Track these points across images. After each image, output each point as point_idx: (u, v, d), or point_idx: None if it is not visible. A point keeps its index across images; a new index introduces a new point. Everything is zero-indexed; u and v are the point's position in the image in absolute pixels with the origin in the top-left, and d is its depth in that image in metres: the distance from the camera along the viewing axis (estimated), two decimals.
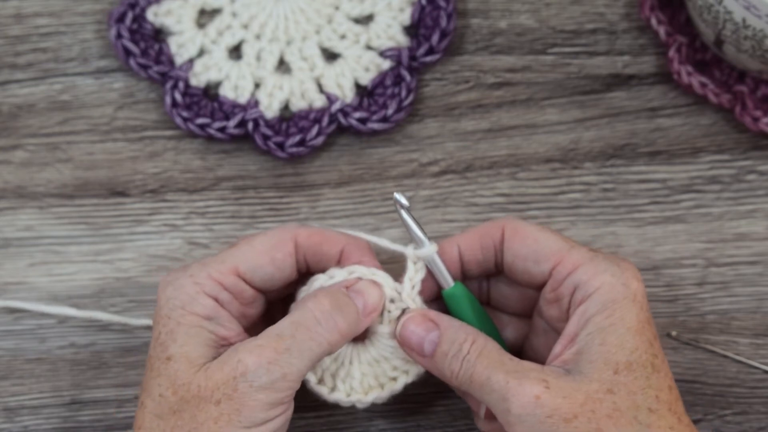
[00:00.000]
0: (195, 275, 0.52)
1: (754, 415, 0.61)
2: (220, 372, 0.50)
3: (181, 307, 0.52)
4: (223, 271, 0.52)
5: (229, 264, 0.53)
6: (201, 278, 0.52)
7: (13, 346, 0.62)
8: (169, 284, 0.52)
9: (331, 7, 0.66)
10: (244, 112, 0.64)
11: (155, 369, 0.51)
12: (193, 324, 0.51)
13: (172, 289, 0.52)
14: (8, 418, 0.61)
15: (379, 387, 0.56)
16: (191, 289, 0.52)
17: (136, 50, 0.65)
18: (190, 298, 0.52)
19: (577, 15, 0.66)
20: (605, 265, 0.52)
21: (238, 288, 0.53)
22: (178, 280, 0.52)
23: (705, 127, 0.65)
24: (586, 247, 0.53)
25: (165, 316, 0.52)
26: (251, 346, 0.50)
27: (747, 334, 0.62)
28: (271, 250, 0.53)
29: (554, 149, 0.65)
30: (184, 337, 0.51)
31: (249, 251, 0.53)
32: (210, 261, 0.53)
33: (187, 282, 0.52)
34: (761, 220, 0.64)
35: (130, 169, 0.64)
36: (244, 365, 0.50)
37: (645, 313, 0.51)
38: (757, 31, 0.58)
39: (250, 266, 0.53)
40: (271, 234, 0.54)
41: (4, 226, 0.63)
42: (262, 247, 0.53)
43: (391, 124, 0.64)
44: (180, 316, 0.52)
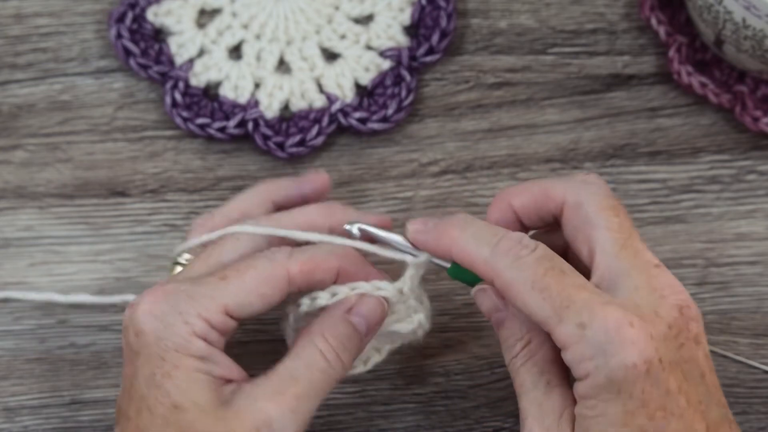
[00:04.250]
0: (185, 313, 0.50)
1: (754, 415, 0.61)
2: (240, 422, 0.49)
3: (175, 350, 0.50)
4: (212, 309, 0.50)
5: (218, 301, 0.51)
6: (191, 317, 0.50)
7: (13, 346, 0.62)
8: (156, 319, 0.50)
9: (331, 7, 0.66)
10: (244, 112, 0.64)
11: (159, 415, 0.49)
12: (191, 368, 0.50)
13: (162, 328, 0.50)
14: (8, 418, 0.61)
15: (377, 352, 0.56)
16: (183, 329, 0.50)
17: (136, 50, 0.65)
18: (183, 340, 0.50)
19: (577, 15, 0.66)
20: (591, 350, 0.46)
21: (225, 325, 0.51)
22: (167, 317, 0.50)
23: (705, 127, 0.65)
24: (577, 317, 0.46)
25: (158, 357, 0.50)
26: (269, 392, 0.50)
27: (747, 334, 0.62)
28: (262, 287, 0.51)
29: (554, 149, 0.65)
30: (187, 383, 0.50)
31: (240, 288, 0.51)
32: (198, 295, 0.51)
33: (178, 321, 0.50)
34: (761, 220, 0.64)
35: (130, 169, 0.64)
36: (267, 415, 0.49)
37: (636, 399, 0.46)
38: (757, 31, 0.58)
39: (239, 304, 0.51)
40: (263, 267, 0.52)
41: (4, 226, 0.64)
42: (253, 283, 0.51)
43: (391, 124, 0.64)
44: (176, 359, 0.50)
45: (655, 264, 0.48)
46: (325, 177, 0.59)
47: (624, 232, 0.49)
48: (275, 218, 0.55)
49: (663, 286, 0.48)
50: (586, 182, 0.50)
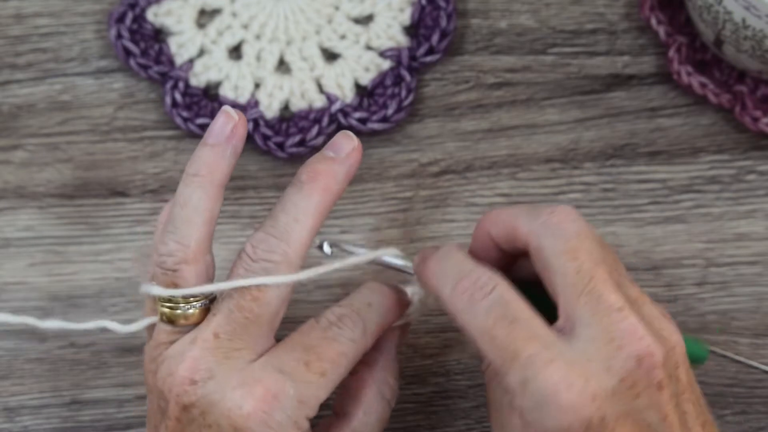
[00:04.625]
0: (299, 421, 0.49)
1: (754, 415, 0.61)
2: None
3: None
4: (316, 408, 0.50)
5: (321, 400, 0.50)
6: (301, 420, 0.49)
7: (13, 346, 0.62)
8: (270, 428, 0.48)
9: (331, 7, 0.66)
10: (244, 112, 0.64)
11: None
12: None
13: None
14: (8, 418, 0.61)
15: None
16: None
17: (136, 50, 0.65)
18: None
19: (577, 15, 0.66)
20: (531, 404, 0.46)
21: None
22: (284, 427, 0.48)
23: (705, 127, 0.65)
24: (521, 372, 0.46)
25: None
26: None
27: (747, 334, 0.62)
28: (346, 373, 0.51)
29: (554, 149, 0.65)
30: None
31: (337, 383, 0.50)
32: (306, 397, 0.49)
33: (291, 427, 0.49)
34: (761, 220, 0.64)
35: (130, 169, 0.64)
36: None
37: None
38: (756, 31, 0.58)
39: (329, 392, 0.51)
40: (352, 354, 0.50)
41: (4, 226, 0.64)
42: (345, 373, 0.51)
43: (391, 124, 0.64)
44: None
45: (618, 308, 0.46)
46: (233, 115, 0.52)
47: (584, 276, 0.47)
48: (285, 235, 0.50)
49: (623, 335, 0.46)
50: (548, 224, 0.48)
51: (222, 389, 0.48)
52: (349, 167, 0.52)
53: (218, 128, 0.52)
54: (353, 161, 0.52)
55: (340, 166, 0.51)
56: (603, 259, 0.47)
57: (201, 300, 0.50)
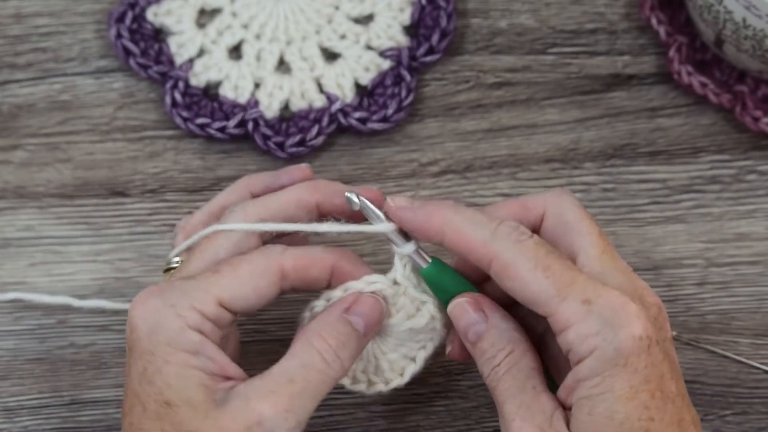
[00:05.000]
0: (177, 305, 0.50)
1: (755, 415, 0.61)
2: (232, 421, 0.49)
3: (166, 344, 0.49)
4: (206, 300, 0.50)
5: (212, 293, 0.50)
6: (183, 309, 0.50)
7: (13, 346, 0.62)
8: (147, 314, 0.50)
9: (331, 7, 0.66)
10: (244, 112, 0.64)
11: (152, 411, 0.49)
12: (183, 364, 0.49)
13: (153, 321, 0.50)
14: (8, 418, 0.61)
15: (412, 362, 0.55)
16: (175, 322, 0.49)
17: (136, 50, 0.65)
18: (174, 333, 0.49)
19: (577, 15, 0.66)
20: (597, 325, 0.47)
21: (220, 317, 0.51)
22: (158, 311, 0.50)
23: (705, 127, 0.65)
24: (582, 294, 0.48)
25: (148, 351, 0.49)
26: (263, 391, 0.49)
27: (747, 334, 0.62)
28: (257, 279, 0.51)
29: (554, 149, 0.65)
30: (178, 380, 0.49)
31: (233, 280, 0.51)
32: (191, 289, 0.51)
33: (169, 314, 0.50)
34: (761, 220, 0.64)
35: (130, 169, 0.64)
36: (260, 414, 0.49)
37: (640, 374, 0.47)
38: (757, 31, 0.58)
39: (233, 295, 0.51)
40: (257, 261, 0.51)
41: (4, 226, 0.64)
42: (247, 276, 0.51)
43: (391, 124, 0.64)
44: (167, 354, 0.49)
45: (632, 269, 0.50)
46: (306, 170, 0.58)
47: (603, 240, 0.50)
48: (261, 201, 0.54)
49: (642, 288, 0.50)
50: (563, 194, 0.52)
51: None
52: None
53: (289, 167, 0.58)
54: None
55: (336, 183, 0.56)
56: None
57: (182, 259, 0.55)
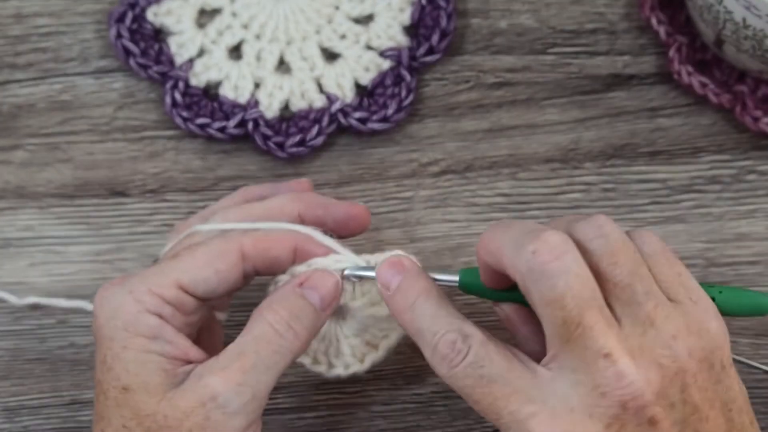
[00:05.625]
0: (134, 291, 0.50)
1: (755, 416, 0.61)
2: (185, 400, 0.48)
3: (124, 329, 0.49)
4: (164, 284, 0.50)
5: (170, 276, 0.50)
6: (141, 294, 0.50)
7: (13, 346, 0.62)
8: (106, 301, 0.50)
9: (331, 7, 0.66)
10: (244, 112, 0.64)
11: (111, 398, 0.49)
12: (140, 348, 0.49)
13: (111, 308, 0.50)
14: (8, 418, 0.61)
15: (374, 349, 0.55)
16: (132, 307, 0.49)
17: (136, 50, 0.65)
18: (132, 317, 0.49)
19: (577, 15, 0.66)
20: None
21: (180, 300, 0.50)
22: (116, 296, 0.50)
23: (705, 127, 0.65)
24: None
25: (107, 338, 0.50)
26: (215, 368, 0.49)
27: (747, 334, 0.62)
28: (215, 262, 0.51)
29: (554, 149, 0.65)
30: (136, 365, 0.49)
31: (191, 263, 0.51)
32: (149, 274, 0.51)
33: (127, 300, 0.50)
34: (761, 220, 0.64)
35: (130, 169, 0.64)
36: (212, 390, 0.48)
37: None
38: (757, 31, 0.58)
39: (193, 278, 0.50)
40: (215, 244, 0.51)
41: (4, 226, 0.64)
42: (204, 258, 0.51)
43: (391, 124, 0.64)
44: (124, 339, 0.49)
45: (605, 353, 0.45)
46: (305, 184, 0.58)
47: (571, 324, 0.46)
48: (245, 209, 0.54)
49: (607, 382, 0.45)
50: (532, 267, 0.46)
51: None
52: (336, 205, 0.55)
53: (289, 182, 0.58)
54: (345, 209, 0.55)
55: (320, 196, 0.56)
56: (593, 296, 0.46)
57: None
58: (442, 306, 0.50)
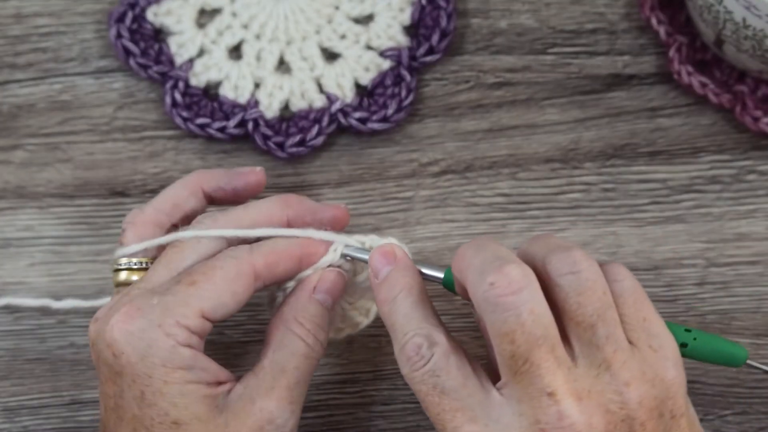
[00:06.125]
0: (163, 324, 0.50)
1: (755, 416, 0.61)
2: (244, 426, 0.50)
3: (162, 365, 0.49)
4: (189, 314, 0.50)
5: (194, 306, 0.50)
6: (170, 327, 0.50)
7: (13, 346, 0.62)
8: (134, 337, 0.50)
9: (331, 7, 0.66)
10: (244, 112, 0.64)
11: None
12: (182, 381, 0.50)
13: (144, 345, 0.50)
14: (8, 418, 0.61)
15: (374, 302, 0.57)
16: (165, 342, 0.50)
17: (136, 50, 0.65)
18: (168, 353, 0.50)
19: (577, 15, 0.66)
20: None
21: (203, 328, 0.51)
22: (146, 332, 0.50)
23: (705, 127, 0.65)
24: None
25: (144, 375, 0.49)
26: (263, 389, 0.51)
27: (747, 334, 0.62)
28: (232, 285, 0.51)
29: (554, 149, 0.65)
30: (182, 398, 0.50)
31: (211, 290, 0.51)
32: (172, 305, 0.50)
33: (158, 335, 0.50)
34: (761, 220, 0.64)
35: (130, 169, 0.64)
36: (269, 413, 0.51)
37: None
38: (757, 31, 0.58)
39: (214, 306, 0.51)
40: (229, 267, 0.51)
41: (4, 226, 0.64)
42: (223, 283, 0.51)
43: (391, 124, 0.64)
44: (164, 374, 0.50)
45: (549, 392, 0.46)
46: (259, 174, 0.58)
47: (519, 359, 0.46)
48: (232, 216, 0.54)
49: (550, 419, 0.46)
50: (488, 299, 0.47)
51: (106, 319, 0.51)
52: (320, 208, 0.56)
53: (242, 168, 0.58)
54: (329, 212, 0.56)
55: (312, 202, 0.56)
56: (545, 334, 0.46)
57: (140, 260, 0.55)
58: (419, 307, 0.50)
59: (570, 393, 0.46)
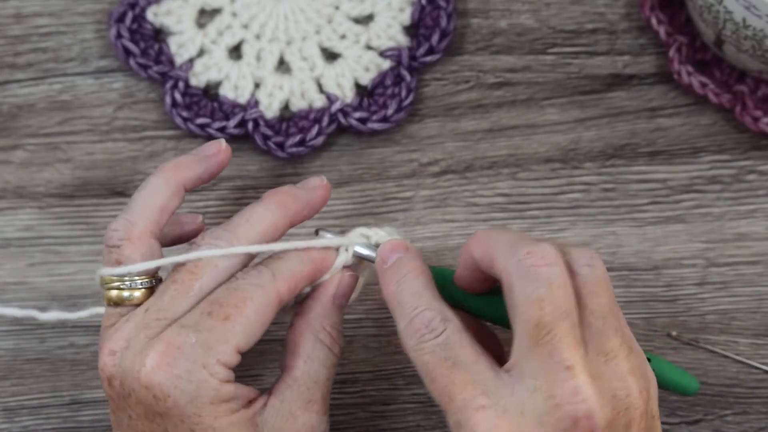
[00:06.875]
0: (207, 365, 0.50)
1: (754, 415, 0.61)
2: None
3: (210, 404, 0.50)
4: (228, 352, 0.50)
5: (231, 343, 0.50)
6: (213, 366, 0.50)
7: (13, 346, 0.62)
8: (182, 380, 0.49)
9: (331, 7, 0.66)
10: (244, 112, 0.64)
11: None
12: (228, 412, 0.50)
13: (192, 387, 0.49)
14: (8, 418, 0.61)
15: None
16: (212, 383, 0.50)
17: (136, 50, 0.65)
18: (215, 392, 0.50)
19: (577, 15, 0.66)
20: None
21: (237, 361, 0.51)
22: (194, 375, 0.49)
23: (705, 127, 0.65)
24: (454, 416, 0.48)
25: (194, 414, 0.50)
26: (302, 403, 0.52)
27: (747, 334, 0.62)
28: (263, 317, 0.51)
29: (554, 149, 0.65)
30: (230, 428, 0.50)
31: (246, 324, 0.51)
32: (212, 342, 0.50)
33: (204, 375, 0.50)
34: (761, 220, 0.64)
35: (130, 169, 0.64)
36: (311, 426, 0.52)
37: None
38: (757, 31, 0.58)
39: (248, 340, 0.51)
40: (259, 298, 0.51)
41: (4, 226, 0.64)
42: (255, 316, 0.51)
43: (391, 124, 0.64)
44: (213, 412, 0.50)
45: (567, 366, 0.46)
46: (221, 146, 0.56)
47: (543, 328, 0.47)
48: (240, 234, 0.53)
49: (564, 394, 0.46)
50: (522, 265, 0.48)
51: (132, 354, 0.50)
52: (312, 195, 0.55)
53: (205, 147, 0.56)
54: (318, 193, 0.55)
55: (302, 191, 0.55)
56: (570, 311, 0.47)
57: (143, 279, 0.53)
58: (429, 287, 0.51)
59: (586, 371, 0.47)
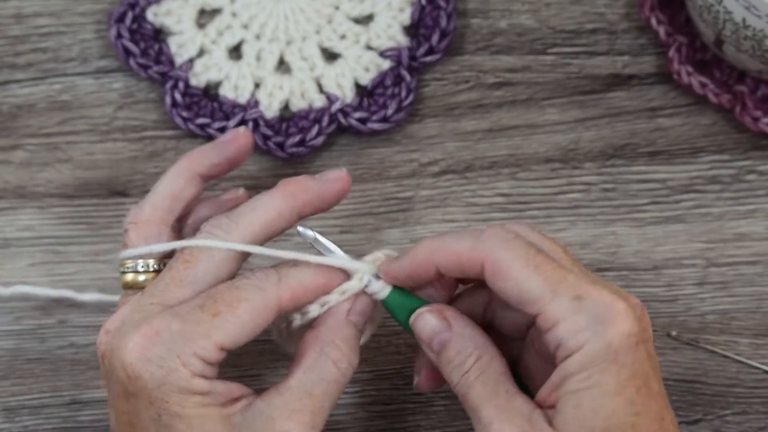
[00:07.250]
0: (182, 355, 0.49)
1: (754, 415, 0.61)
2: None
3: (178, 392, 0.49)
4: (208, 347, 0.49)
5: (214, 339, 0.49)
6: (188, 358, 0.49)
7: (13, 346, 0.62)
8: (152, 364, 0.49)
9: (331, 7, 0.66)
10: (244, 112, 0.64)
11: None
12: (198, 404, 0.49)
13: (163, 374, 0.49)
14: (8, 418, 0.61)
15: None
16: (183, 373, 0.49)
17: (136, 50, 0.65)
18: (185, 383, 0.49)
19: (577, 15, 0.66)
20: (587, 321, 0.48)
21: (219, 358, 0.50)
22: (164, 361, 0.49)
23: (705, 127, 0.65)
24: (573, 291, 0.48)
25: (160, 399, 0.49)
26: (287, 410, 0.50)
27: (747, 334, 0.62)
28: (256, 320, 0.50)
29: (554, 149, 0.65)
30: (198, 419, 0.49)
31: (235, 323, 0.50)
32: (193, 335, 0.49)
33: (177, 365, 0.49)
34: (761, 220, 0.64)
35: (130, 169, 0.64)
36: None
37: (628, 369, 0.47)
38: (757, 31, 0.58)
39: (235, 340, 0.50)
40: (255, 300, 0.50)
41: (4, 226, 0.64)
42: (247, 316, 0.50)
43: (391, 124, 0.64)
44: (180, 400, 0.49)
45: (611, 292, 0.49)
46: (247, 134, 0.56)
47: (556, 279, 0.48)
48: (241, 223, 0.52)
49: (623, 291, 0.49)
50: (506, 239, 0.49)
51: (120, 334, 0.50)
52: (326, 187, 0.54)
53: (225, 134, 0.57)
54: (334, 186, 0.54)
55: (315, 183, 0.54)
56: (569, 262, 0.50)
57: (146, 262, 0.54)
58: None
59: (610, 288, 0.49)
